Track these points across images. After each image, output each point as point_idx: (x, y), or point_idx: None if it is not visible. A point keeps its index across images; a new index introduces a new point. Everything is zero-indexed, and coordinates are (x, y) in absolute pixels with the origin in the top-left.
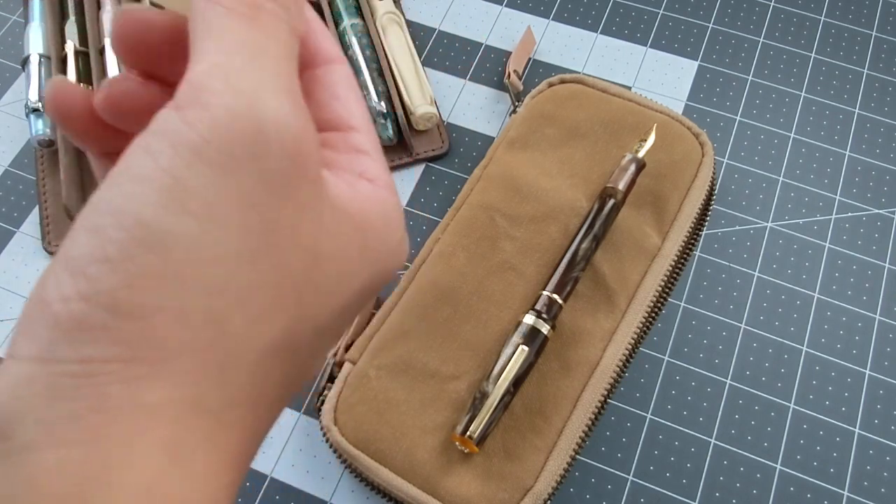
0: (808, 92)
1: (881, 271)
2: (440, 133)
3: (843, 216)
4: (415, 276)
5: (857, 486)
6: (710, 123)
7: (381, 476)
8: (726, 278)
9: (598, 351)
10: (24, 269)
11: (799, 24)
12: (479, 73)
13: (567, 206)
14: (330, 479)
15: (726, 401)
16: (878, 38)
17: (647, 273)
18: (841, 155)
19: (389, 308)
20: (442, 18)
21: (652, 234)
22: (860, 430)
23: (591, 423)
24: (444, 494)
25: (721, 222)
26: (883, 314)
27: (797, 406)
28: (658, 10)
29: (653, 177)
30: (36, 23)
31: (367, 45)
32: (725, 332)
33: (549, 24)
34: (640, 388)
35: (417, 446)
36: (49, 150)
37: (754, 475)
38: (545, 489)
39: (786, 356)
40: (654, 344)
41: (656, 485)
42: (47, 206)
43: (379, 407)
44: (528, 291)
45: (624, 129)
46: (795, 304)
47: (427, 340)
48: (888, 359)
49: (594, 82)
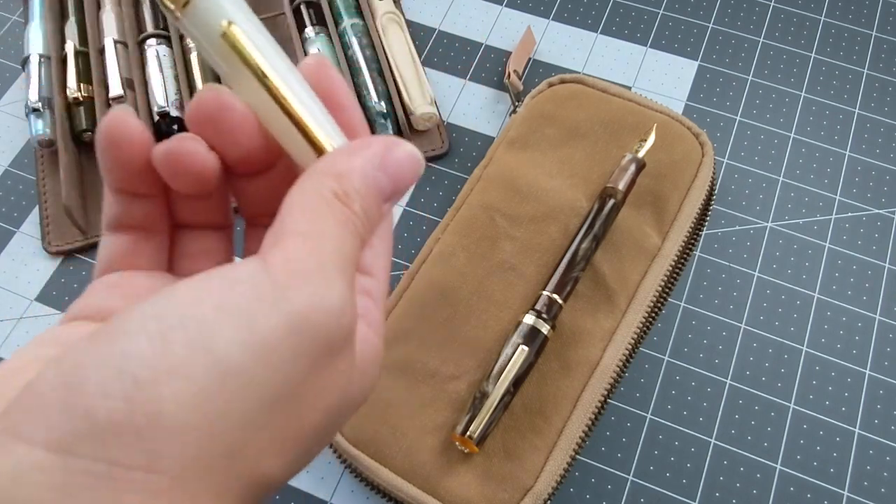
0: (808, 92)
1: (881, 271)
2: (440, 133)
3: (843, 216)
4: (415, 276)
5: (857, 486)
6: (710, 123)
7: (381, 476)
8: (726, 278)
9: (598, 351)
10: (24, 269)
11: (799, 24)
12: (479, 73)
13: (567, 206)
14: (330, 479)
15: (726, 401)
16: (878, 38)
17: (647, 273)
18: (841, 155)
19: (389, 308)
20: (442, 18)
21: (652, 234)
22: (860, 430)
23: (591, 423)
24: (444, 494)
25: (721, 222)
26: (883, 314)
27: (797, 406)
28: (658, 10)
29: (653, 177)
30: (36, 23)
31: (367, 45)
32: (725, 332)
33: (549, 24)
34: (640, 388)
35: (417, 446)
36: (49, 150)
37: (754, 475)
38: (545, 489)
39: (786, 356)
40: (654, 344)
41: (656, 485)
42: (47, 206)
43: (379, 407)
44: (528, 291)
45: (624, 129)
46: (795, 304)
47: (427, 340)
48: (888, 359)
49: (594, 82)
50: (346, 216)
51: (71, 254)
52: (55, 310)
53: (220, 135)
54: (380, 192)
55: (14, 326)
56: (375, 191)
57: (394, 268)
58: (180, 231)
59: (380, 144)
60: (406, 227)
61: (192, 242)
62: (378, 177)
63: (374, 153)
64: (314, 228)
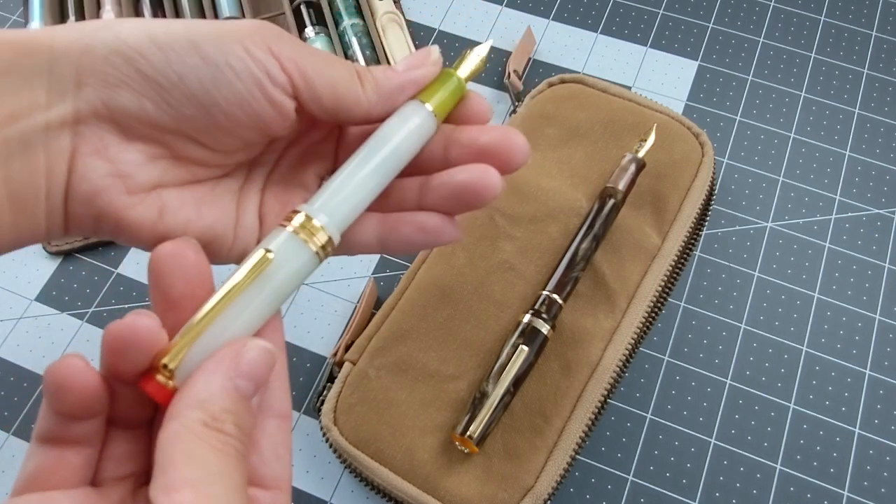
0: (808, 92)
1: (881, 271)
2: None
3: (843, 216)
4: (415, 276)
5: (857, 486)
6: (710, 123)
7: (381, 476)
8: (726, 278)
9: (598, 351)
10: (23, 269)
11: (799, 24)
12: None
13: (567, 206)
14: (330, 479)
15: (726, 401)
16: (878, 38)
17: (647, 273)
18: (841, 155)
19: (389, 308)
20: (442, 18)
21: (652, 233)
22: (860, 430)
23: (591, 423)
24: (443, 494)
25: (721, 222)
26: (883, 314)
27: (797, 406)
28: (658, 10)
29: (653, 177)
30: (36, 23)
31: (367, 45)
32: (725, 332)
33: (549, 24)
34: (640, 388)
35: (417, 446)
36: None
37: (754, 475)
38: (545, 489)
39: (786, 356)
40: (654, 344)
41: (656, 485)
42: None
43: (379, 407)
44: (528, 291)
45: (624, 129)
46: (795, 304)
47: (427, 340)
48: (888, 359)
49: (594, 82)
50: (221, 442)
51: (71, 254)
52: (55, 310)
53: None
54: (244, 397)
55: (14, 326)
56: (240, 399)
57: (394, 268)
58: (111, 432)
59: (229, 355)
60: None
61: (119, 445)
62: (238, 385)
63: (227, 367)
64: (200, 473)
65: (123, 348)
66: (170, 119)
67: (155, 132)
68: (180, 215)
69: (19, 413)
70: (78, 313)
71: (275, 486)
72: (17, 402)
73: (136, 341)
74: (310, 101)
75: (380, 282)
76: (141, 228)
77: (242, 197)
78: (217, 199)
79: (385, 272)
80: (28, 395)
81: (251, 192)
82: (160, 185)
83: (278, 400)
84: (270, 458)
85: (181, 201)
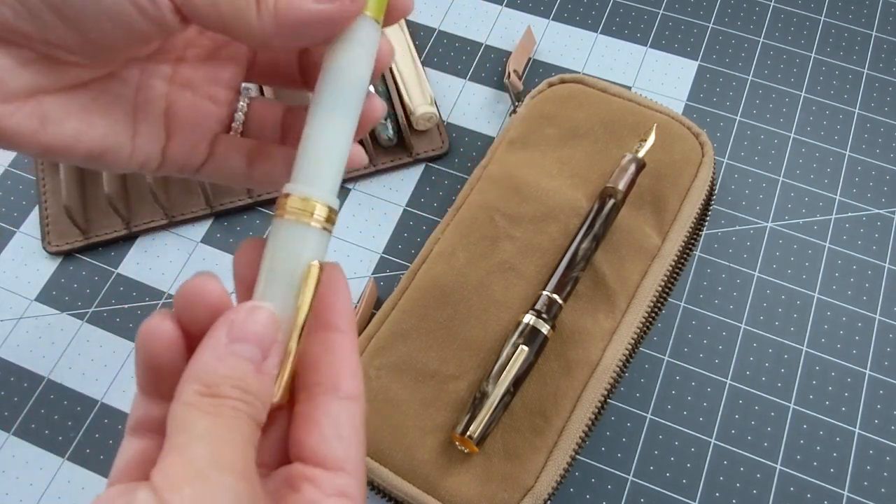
0: (808, 92)
1: (881, 271)
2: (440, 133)
3: (843, 216)
4: (415, 276)
5: (857, 486)
6: (710, 123)
7: (381, 476)
8: (726, 278)
9: (598, 351)
10: (24, 269)
11: (799, 24)
12: (479, 73)
13: (567, 206)
14: None
15: (726, 401)
16: (878, 38)
17: (647, 273)
18: (841, 155)
19: (389, 308)
20: (442, 18)
21: (652, 234)
22: (860, 430)
23: (591, 423)
24: (444, 494)
25: (721, 222)
26: (883, 314)
27: (797, 406)
28: (658, 10)
29: (653, 177)
30: None
31: None
32: (725, 332)
33: (549, 24)
34: (640, 388)
35: (417, 446)
36: None
37: (754, 475)
38: (545, 489)
39: (786, 356)
40: (654, 344)
41: (656, 485)
42: (47, 206)
43: (379, 407)
44: (528, 291)
45: (624, 129)
46: (795, 304)
47: (427, 340)
48: (888, 359)
49: (594, 82)
50: (213, 405)
51: (71, 254)
52: (55, 310)
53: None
54: (248, 361)
55: (14, 326)
56: (240, 363)
57: (394, 268)
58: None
59: (222, 323)
60: (406, 227)
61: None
62: (235, 349)
63: (216, 336)
64: (184, 438)
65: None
66: (32, 27)
67: (20, 38)
68: (67, 126)
69: (19, 413)
70: (78, 313)
71: (337, 468)
72: (18, 402)
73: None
74: (191, 16)
75: (380, 282)
76: (21, 137)
77: (140, 100)
78: (108, 106)
79: (385, 272)
80: (28, 395)
81: (151, 94)
82: (39, 92)
83: (345, 381)
84: (330, 437)
85: (66, 111)
